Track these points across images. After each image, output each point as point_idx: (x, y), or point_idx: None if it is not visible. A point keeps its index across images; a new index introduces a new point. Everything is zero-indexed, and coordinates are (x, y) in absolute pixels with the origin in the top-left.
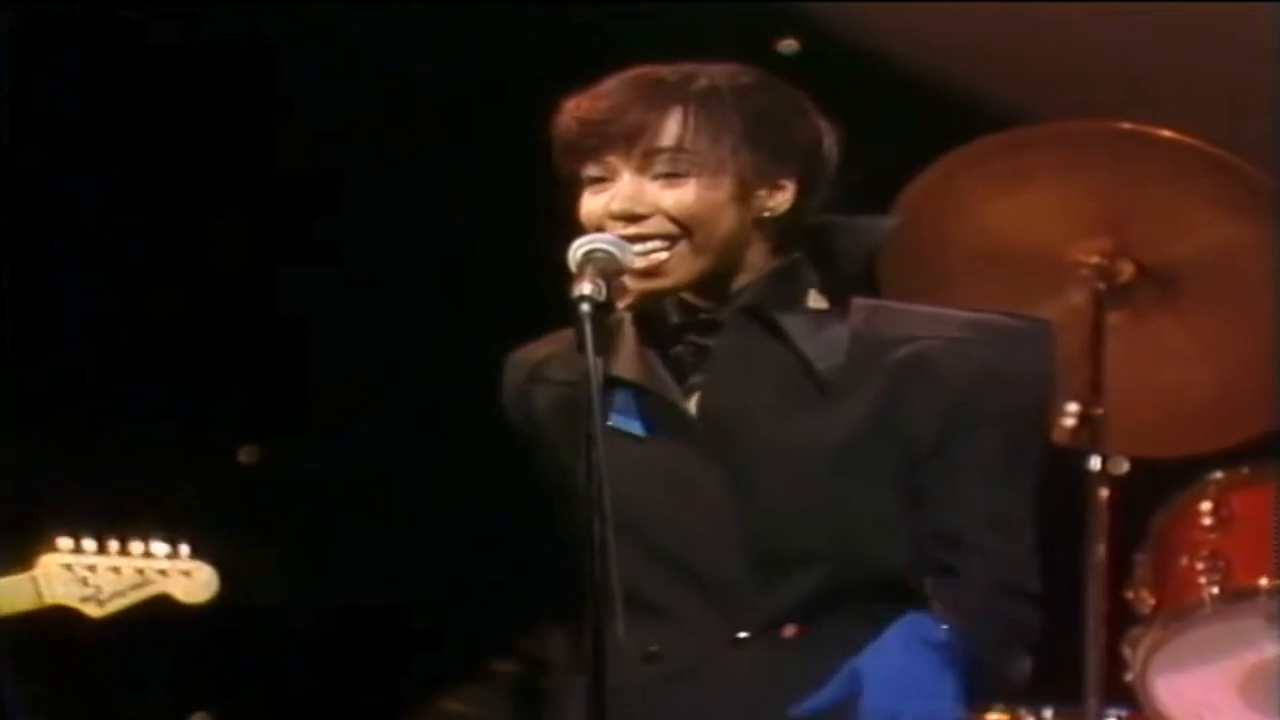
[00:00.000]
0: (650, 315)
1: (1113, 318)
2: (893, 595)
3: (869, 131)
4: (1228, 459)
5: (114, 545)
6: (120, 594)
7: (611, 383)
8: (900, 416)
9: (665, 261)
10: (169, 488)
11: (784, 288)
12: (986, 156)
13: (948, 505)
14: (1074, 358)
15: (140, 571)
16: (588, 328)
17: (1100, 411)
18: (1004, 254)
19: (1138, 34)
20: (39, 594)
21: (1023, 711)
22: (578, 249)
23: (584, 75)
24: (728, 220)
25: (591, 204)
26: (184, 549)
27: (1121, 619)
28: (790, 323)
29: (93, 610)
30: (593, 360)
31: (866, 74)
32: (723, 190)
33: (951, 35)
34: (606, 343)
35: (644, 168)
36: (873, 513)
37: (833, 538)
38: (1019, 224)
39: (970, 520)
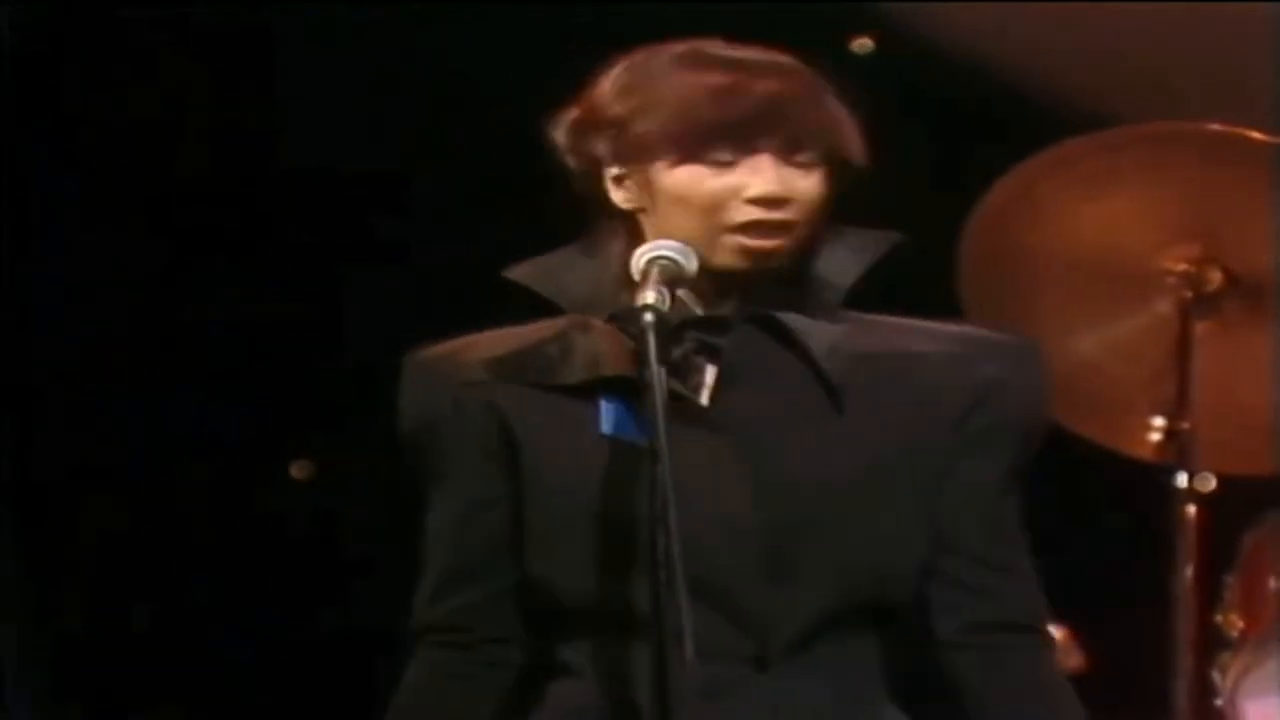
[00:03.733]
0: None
1: (1200, 328)
2: (890, 623)
3: (946, 134)
4: None
5: None
6: None
7: (605, 386)
8: (907, 433)
9: (783, 244)
10: None
11: (793, 290)
12: (1073, 160)
13: (965, 522)
14: (1160, 369)
15: None
16: (651, 338)
17: (1187, 426)
18: (1088, 262)
19: (1219, 31)
20: None
21: None
22: (641, 256)
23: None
24: (824, 209)
25: (713, 183)
26: None
27: (1211, 642)
28: (802, 329)
29: None
30: (657, 371)
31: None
32: (828, 179)
33: (1029, 33)
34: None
35: (789, 154)
36: (886, 532)
37: (847, 555)
38: (1104, 230)
39: (991, 539)
